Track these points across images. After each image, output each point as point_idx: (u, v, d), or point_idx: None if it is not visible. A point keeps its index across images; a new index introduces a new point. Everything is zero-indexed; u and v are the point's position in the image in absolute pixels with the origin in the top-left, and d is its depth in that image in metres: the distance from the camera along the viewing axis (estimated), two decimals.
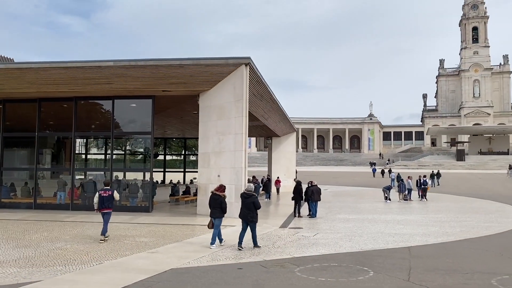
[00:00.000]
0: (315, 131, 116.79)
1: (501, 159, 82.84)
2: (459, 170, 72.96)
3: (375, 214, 20.15)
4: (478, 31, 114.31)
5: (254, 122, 25.64)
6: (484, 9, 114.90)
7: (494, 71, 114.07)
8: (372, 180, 49.69)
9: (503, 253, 10.97)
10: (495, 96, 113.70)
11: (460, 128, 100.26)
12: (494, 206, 23.66)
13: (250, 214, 11.28)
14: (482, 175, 57.85)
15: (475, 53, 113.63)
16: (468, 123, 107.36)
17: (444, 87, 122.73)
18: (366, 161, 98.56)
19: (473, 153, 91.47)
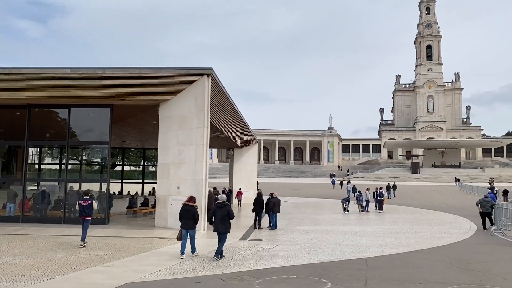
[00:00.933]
0: (277, 142, 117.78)
1: (453, 172, 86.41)
2: (414, 182, 75.42)
3: (334, 225, 20.45)
4: (432, 49, 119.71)
5: (215, 133, 25.53)
6: (438, 29, 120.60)
7: (446, 87, 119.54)
8: (332, 192, 50.51)
9: (454, 264, 11.37)
10: (448, 112, 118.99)
11: (415, 142, 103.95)
12: (446, 217, 24.58)
13: (224, 225, 11.53)
14: (436, 187, 60.09)
15: (429, 70, 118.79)
16: (423, 137, 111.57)
17: (400, 102, 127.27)
18: (325, 172, 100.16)
19: (427, 166, 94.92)
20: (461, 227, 19.78)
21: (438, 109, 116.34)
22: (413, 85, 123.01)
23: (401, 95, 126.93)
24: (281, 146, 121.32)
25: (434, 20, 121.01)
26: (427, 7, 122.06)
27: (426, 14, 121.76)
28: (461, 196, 45.13)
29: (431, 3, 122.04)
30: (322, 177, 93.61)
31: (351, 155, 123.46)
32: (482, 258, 12.46)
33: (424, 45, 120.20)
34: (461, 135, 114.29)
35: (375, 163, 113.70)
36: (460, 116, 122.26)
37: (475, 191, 47.77)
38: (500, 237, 16.71)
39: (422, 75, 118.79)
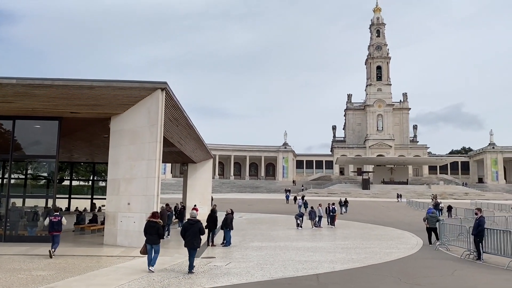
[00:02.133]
0: (232, 158, 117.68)
1: (401, 188, 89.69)
2: (364, 198, 77.55)
3: (287, 241, 20.55)
4: (382, 70, 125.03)
5: (169, 147, 25.13)
6: (387, 51, 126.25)
7: (395, 107, 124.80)
8: (286, 207, 50.87)
9: (402, 278, 11.71)
10: (396, 130, 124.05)
11: (365, 158, 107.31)
12: (395, 232, 25.35)
13: (196, 241, 12.05)
14: (385, 203, 62.03)
15: (379, 90, 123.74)
16: (373, 154, 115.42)
17: (351, 120, 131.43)
18: (280, 188, 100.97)
19: (377, 182, 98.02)
20: (409, 242, 20.45)
21: (387, 128, 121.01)
22: (363, 104, 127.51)
23: (353, 113, 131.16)
24: (237, 161, 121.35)
25: (384, 42, 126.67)
26: (377, 29, 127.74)
27: (376, 36, 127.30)
28: (408, 211, 46.79)
29: (381, 26, 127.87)
30: (277, 193, 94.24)
31: (305, 170, 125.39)
32: (427, 272, 12.92)
33: (374, 66, 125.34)
34: (409, 152, 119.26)
35: (328, 179, 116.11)
36: (407, 135, 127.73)
37: (421, 207, 49.70)
38: (444, 251, 17.42)
39: (372, 94, 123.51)
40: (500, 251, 14.44)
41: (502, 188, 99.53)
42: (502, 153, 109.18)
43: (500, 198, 76.86)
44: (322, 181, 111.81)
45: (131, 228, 16.89)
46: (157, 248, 12.38)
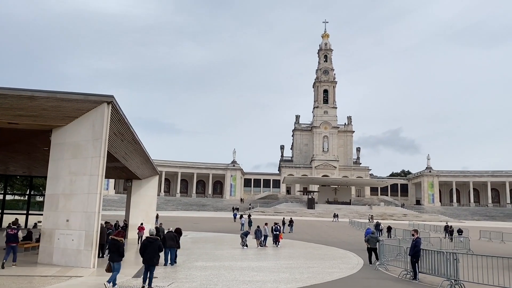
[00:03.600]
0: (179, 175, 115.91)
1: (344, 208, 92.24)
2: (309, 217, 78.86)
3: (232, 261, 20.39)
4: (328, 94, 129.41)
5: (113, 163, 24.37)
6: (333, 75, 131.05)
7: (340, 129, 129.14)
8: (233, 226, 50.55)
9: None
10: (341, 152, 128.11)
11: (311, 178, 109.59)
12: (337, 252, 25.89)
13: (155, 258, 12.42)
14: (329, 223, 63.37)
15: (325, 113, 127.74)
16: (318, 174, 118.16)
17: (299, 140, 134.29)
18: (227, 206, 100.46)
19: (321, 202, 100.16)
20: (350, 262, 20.95)
21: (332, 149, 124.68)
22: (310, 126, 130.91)
23: (300, 134, 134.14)
24: (184, 178, 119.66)
25: (331, 67, 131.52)
26: (325, 55, 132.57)
27: (324, 61, 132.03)
28: (351, 231, 48.05)
29: (329, 52, 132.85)
30: (224, 211, 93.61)
31: (252, 189, 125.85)
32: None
33: (321, 89, 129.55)
34: (352, 174, 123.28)
35: (275, 197, 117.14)
36: (351, 156, 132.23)
37: (363, 227, 51.24)
38: (383, 271, 18.01)
39: (319, 116, 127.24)
40: (435, 271, 15.15)
41: (437, 210, 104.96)
42: (438, 176, 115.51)
43: (435, 219, 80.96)
44: (269, 200, 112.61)
45: (69, 246, 16.10)
46: (117, 266, 12.49)
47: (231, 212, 78.96)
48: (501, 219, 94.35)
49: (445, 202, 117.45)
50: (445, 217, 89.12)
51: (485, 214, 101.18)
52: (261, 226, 28.98)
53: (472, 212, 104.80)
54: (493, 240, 39.24)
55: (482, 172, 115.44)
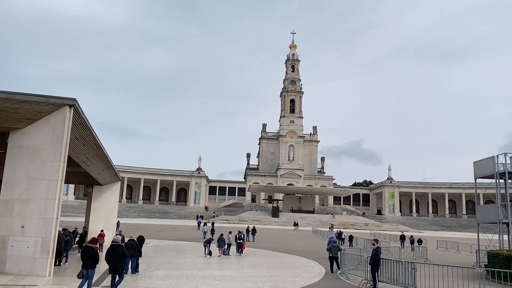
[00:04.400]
0: (142, 181, 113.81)
1: (308, 217, 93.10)
2: (273, 226, 79.03)
3: (194, 269, 20.15)
4: (295, 103, 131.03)
5: (74, 168, 23.64)
6: (300, 85, 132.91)
7: (305, 139, 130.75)
8: (197, 234, 50.01)
9: None
10: (306, 161, 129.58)
11: (276, 187, 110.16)
12: (300, 261, 26.08)
13: (120, 265, 12.73)
14: (293, 232, 63.77)
15: (292, 122, 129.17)
16: (283, 182, 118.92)
17: (265, 148, 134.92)
18: (191, 214, 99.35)
19: (286, 210, 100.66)
20: (312, 271, 21.15)
21: (297, 158, 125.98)
22: (277, 134, 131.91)
23: (267, 142, 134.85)
24: (147, 185, 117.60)
25: (298, 77, 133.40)
26: (292, 65, 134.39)
27: (291, 71, 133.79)
28: (314, 240, 48.52)
29: (296, 63, 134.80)
30: (187, 219, 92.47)
31: (217, 197, 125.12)
32: None
33: (288, 99, 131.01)
34: (316, 183, 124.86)
35: (239, 205, 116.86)
36: (316, 166, 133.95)
37: (326, 235, 51.88)
38: (344, 280, 18.27)
39: (285, 125, 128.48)
40: (394, 280, 15.51)
41: (398, 220, 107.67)
42: (398, 187, 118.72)
43: (395, 229, 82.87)
44: (234, 208, 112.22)
45: (23, 254, 15.45)
46: (91, 273, 12.66)
47: (195, 220, 78.20)
48: (457, 229, 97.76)
49: (405, 212, 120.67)
50: (405, 227, 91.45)
51: (443, 225, 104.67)
52: (225, 235, 28.83)
53: (431, 222, 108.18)
54: (449, 250, 40.62)
55: (440, 183, 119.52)
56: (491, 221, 27.00)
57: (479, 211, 31.36)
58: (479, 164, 27.56)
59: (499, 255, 20.22)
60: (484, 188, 33.92)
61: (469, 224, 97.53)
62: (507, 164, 25.14)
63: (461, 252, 37.97)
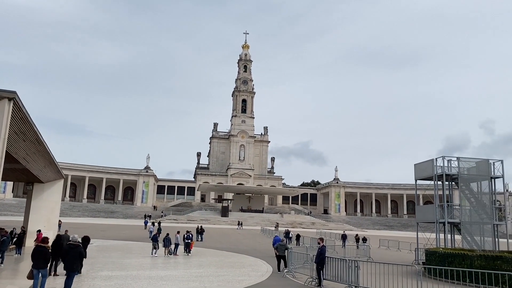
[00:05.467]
0: (87, 179, 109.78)
1: (257, 216, 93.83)
2: (223, 225, 78.91)
3: (140, 270, 19.74)
4: (247, 103, 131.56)
5: (12, 164, 22.39)
6: (252, 86, 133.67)
7: (256, 139, 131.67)
8: (143, 234, 48.91)
9: None
10: (256, 161, 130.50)
11: (226, 186, 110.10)
12: (248, 260, 26.23)
13: (76, 264, 12.68)
14: (241, 231, 63.98)
15: (243, 122, 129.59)
16: (234, 182, 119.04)
17: (216, 148, 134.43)
18: (138, 213, 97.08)
19: (235, 210, 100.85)
20: (260, 270, 21.34)
21: (248, 158, 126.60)
22: (228, 134, 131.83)
23: (217, 141, 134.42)
24: (92, 183, 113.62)
25: (250, 78, 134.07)
26: (244, 65, 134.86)
27: (243, 71, 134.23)
28: (262, 239, 48.95)
29: (248, 63, 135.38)
30: (134, 218, 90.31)
31: (166, 196, 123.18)
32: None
33: (240, 99, 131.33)
34: (266, 183, 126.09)
35: (188, 205, 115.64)
36: (266, 166, 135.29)
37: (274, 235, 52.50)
38: (290, 278, 18.60)
39: (237, 125, 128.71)
40: (338, 278, 15.99)
41: (343, 219, 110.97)
42: (344, 187, 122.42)
43: (341, 228, 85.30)
44: (183, 208, 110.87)
45: None
46: (44, 273, 12.79)
47: (142, 219, 76.55)
48: (398, 228, 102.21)
49: (350, 212, 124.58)
50: (350, 226, 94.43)
51: (385, 224, 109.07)
52: (171, 234, 28.45)
53: (374, 221, 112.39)
54: (391, 248, 42.40)
55: (383, 184, 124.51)
56: (429, 220, 28.46)
57: (418, 211, 33.01)
58: (419, 166, 28.98)
59: (435, 253, 21.39)
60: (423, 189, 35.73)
61: (409, 223, 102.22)
62: (445, 166, 26.62)
63: (401, 250, 39.74)
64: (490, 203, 26.78)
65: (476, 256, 19.06)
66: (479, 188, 27.25)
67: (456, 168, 26.74)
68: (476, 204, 26.88)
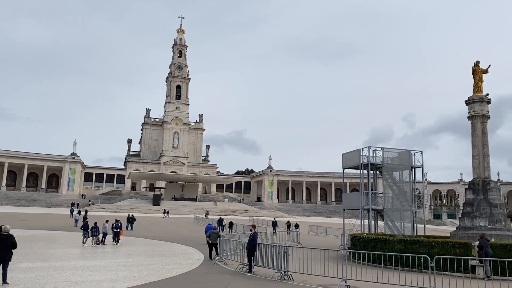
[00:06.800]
0: (6, 165, 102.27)
1: (190, 204, 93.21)
2: (154, 214, 77.48)
3: (65, 260, 18.84)
4: (181, 90, 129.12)
5: None
6: (187, 72, 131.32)
7: (191, 126, 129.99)
8: (69, 223, 46.64)
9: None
10: (190, 149, 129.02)
11: (158, 174, 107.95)
12: (179, 248, 25.99)
13: (8, 255, 12.42)
14: (174, 219, 63.25)
15: (177, 109, 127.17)
16: (166, 170, 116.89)
17: (148, 135, 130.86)
18: (64, 202, 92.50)
19: (168, 198, 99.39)
20: (191, 258, 21.23)
21: (182, 145, 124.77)
22: (161, 121, 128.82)
23: (150, 128, 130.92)
24: (12, 170, 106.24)
25: (185, 63, 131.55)
26: (179, 50, 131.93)
27: (178, 56, 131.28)
28: (194, 227, 48.73)
29: (183, 48, 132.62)
30: (60, 207, 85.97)
31: (94, 184, 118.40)
32: (205, 287, 13.63)
33: (174, 85, 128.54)
34: (200, 171, 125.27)
35: (118, 193, 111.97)
36: (200, 154, 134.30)
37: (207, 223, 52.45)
38: (222, 266, 18.70)
39: (171, 112, 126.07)
40: (268, 264, 16.33)
41: (275, 206, 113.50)
42: (277, 175, 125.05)
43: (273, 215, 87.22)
44: (112, 196, 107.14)
45: None
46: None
47: (68, 208, 73.05)
48: (327, 215, 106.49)
49: (282, 199, 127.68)
50: (281, 213, 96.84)
51: (314, 211, 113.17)
52: (99, 223, 27.43)
53: (304, 208, 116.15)
54: (319, 234, 44.11)
55: (313, 173, 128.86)
56: (355, 207, 29.95)
57: (345, 198, 34.61)
58: (347, 156, 30.31)
59: (360, 238, 22.56)
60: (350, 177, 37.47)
61: (337, 210, 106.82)
62: (370, 156, 28.08)
63: (329, 236, 41.45)
64: (410, 191, 28.74)
65: (397, 241, 20.34)
66: (401, 177, 29.14)
67: (381, 158, 28.32)
68: (397, 192, 28.70)
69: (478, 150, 25.37)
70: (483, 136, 25.42)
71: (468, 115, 26.08)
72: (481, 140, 25.38)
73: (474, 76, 26.15)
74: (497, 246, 17.86)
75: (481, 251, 17.23)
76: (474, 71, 26.14)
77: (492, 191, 24.67)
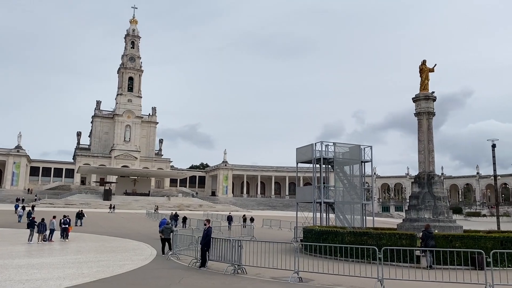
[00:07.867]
0: None
1: (143, 199, 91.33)
2: (105, 209, 75.20)
3: (8, 258, 17.93)
4: (134, 82, 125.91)
5: None
6: (140, 63, 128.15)
7: (144, 119, 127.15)
8: (13, 219, 44.37)
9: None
10: (143, 142, 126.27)
11: (109, 168, 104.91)
12: (131, 244, 25.44)
13: None
14: (125, 215, 61.74)
15: (129, 101, 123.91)
16: (118, 164, 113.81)
17: (98, 127, 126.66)
18: (7, 197, 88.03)
19: (119, 193, 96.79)
20: (143, 253, 20.85)
21: (134, 139, 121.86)
22: (113, 113, 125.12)
23: (100, 121, 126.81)
24: None
25: (138, 55, 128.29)
26: (132, 41, 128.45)
27: (131, 47, 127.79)
28: (147, 223, 47.87)
29: (136, 39, 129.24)
30: (3, 203, 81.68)
31: (40, 178, 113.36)
32: (157, 282, 13.45)
33: (126, 76, 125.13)
34: (153, 165, 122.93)
35: (67, 188, 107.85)
36: (153, 148, 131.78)
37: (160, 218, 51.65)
38: (175, 261, 18.50)
39: (122, 104, 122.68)
40: (222, 258, 16.33)
41: (230, 201, 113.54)
42: (232, 170, 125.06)
43: (227, 209, 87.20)
44: (60, 191, 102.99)
45: None
46: None
47: (12, 204, 69.54)
48: (281, 208, 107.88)
49: (237, 193, 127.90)
50: (236, 207, 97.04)
51: (269, 204, 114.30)
52: (46, 219, 26.32)
53: (258, 202, 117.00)
54: (273, 227, 44.65)
55: (268, 167, 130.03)
56: (308, 200, 30.53)
57: (298, 192, 35.20)
58: (300, 150, 30.80)
59: (312, 231, 23.04)
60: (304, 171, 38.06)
61: (290, 204, 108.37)
62: (323, 151, 28.70)
63: (282, 229, 42.04)
64: (360, 185, 29.68)
65: (347, 233, 20.96)
66: (351, 171, 30.03)
67: (332, 152, 29.01)
68: (348, 186, 29.57)
69: (424, 145, 26.57)
70: (428, 132, 26.64)
71: (415, 112, 27.23)
72: (427, 136, 26.59)
73: (421, 75, 27.30)
74: (439, 237, 18.82)
75: (423, 242, 18.12)
76: (421, 70, 27.30)
77: (436, 185, 25.94)
